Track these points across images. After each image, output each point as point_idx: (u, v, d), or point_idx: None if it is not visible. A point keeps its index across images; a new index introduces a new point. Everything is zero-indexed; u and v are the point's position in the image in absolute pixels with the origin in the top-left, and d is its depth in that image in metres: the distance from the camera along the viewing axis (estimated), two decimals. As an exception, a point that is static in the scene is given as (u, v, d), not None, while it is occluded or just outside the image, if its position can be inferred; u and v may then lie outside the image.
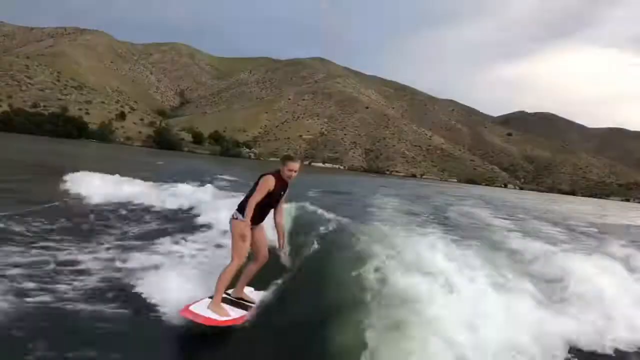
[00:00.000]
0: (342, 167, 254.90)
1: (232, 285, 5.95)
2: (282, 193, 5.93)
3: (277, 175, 5.78)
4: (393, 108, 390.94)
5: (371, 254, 5.33)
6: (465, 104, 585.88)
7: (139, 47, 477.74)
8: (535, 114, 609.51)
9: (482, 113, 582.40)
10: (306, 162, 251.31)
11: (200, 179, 20.70)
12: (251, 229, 5.70)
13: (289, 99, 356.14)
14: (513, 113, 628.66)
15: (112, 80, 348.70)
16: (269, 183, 5.65)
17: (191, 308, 5.27)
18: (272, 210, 6.06)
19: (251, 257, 6.04)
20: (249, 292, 6.21)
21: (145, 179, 19.35)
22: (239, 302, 5.91)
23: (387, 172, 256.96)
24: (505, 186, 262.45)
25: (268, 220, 6.16)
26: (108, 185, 16.39)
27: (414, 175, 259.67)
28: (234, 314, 5.51)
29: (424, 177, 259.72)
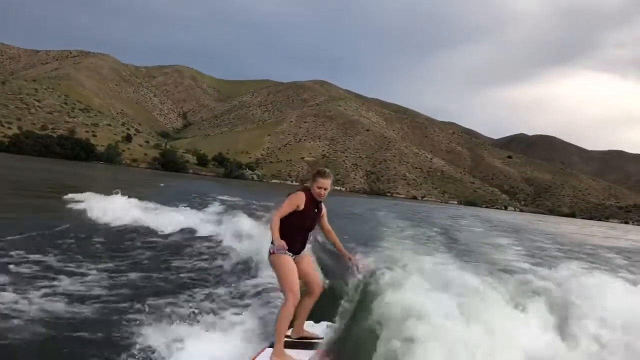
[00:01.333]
0: (343, 189, 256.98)
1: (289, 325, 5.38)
2: (317, 211, 5.33)
3: (308, 192, 5.26)
4: (394, 130, 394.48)
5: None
6: (466, 126, 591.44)
7: (142, 69, 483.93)
8: (536, 136, 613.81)
9: (482, 135, 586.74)
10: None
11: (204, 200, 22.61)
12: (294, 259, 5.23)
13: (291, 122, 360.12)
14: (513, 135, 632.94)
15: (116, 103, 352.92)
16: (297, 198, 5.15)
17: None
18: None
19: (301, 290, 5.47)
20: (310, 327, 5.68)
21: (153, 200, 19.35)
22: (302, 343, 5.37)
23: (389, 194, 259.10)
24: (506, 208, 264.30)
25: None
26: (116, 207, 16.38)
27: (414, 197, 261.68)
28: (302, 356, 5.03)
29: (424, 199, 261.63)
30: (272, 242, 5.07)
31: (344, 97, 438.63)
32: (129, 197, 18.06)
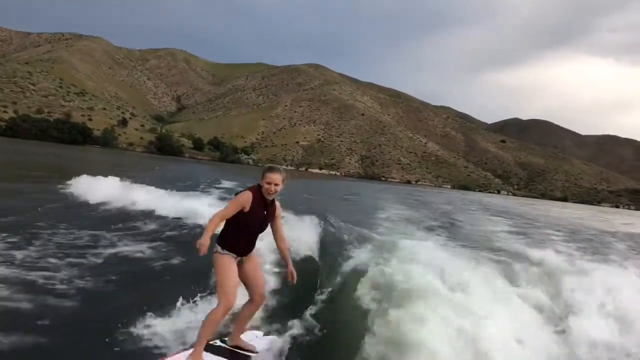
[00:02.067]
0: (338, 174, 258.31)
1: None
2: (267, 213, 4.85)
3: (257, 191, 4.79)
4: (388, 115, 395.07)
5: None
6: (460, 111, 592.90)
7: (135, 52, 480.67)
8: (529, 120, 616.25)
9: (476, 120, 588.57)
10: (303, 169, 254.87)
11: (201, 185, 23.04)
12: (239, 261, 4.86)
13: (286, 106, 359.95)
14: (507, 120, 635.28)
15: (110, 86, 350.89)
16: (242, 198, 4.69)
17: None
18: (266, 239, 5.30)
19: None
20: (251, 339, 5.24)
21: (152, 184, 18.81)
22: (234, 352, 4.93)
23: (383, 179, 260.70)
24: (499, 192, 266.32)
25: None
26: (110, 189, 16.27)
27: (409, 182, 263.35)
28: None
29: (418, 183, 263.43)
30: (216, 241, 4.80)
31: (339, 81, 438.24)
32: (125, 180, 17.69)
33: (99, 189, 16.21)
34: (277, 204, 4.95)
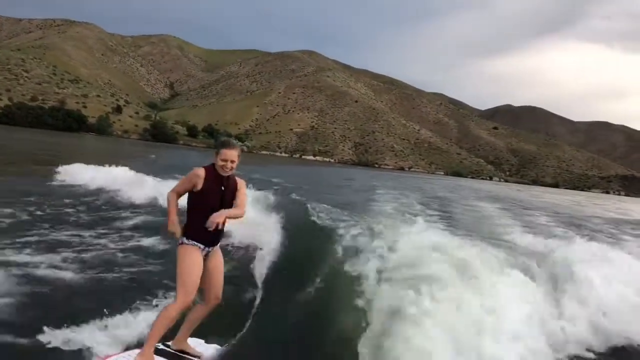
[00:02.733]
0: (332, 160, 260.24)
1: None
2: (223, 189, 4.37)
3: (211, 168, 4.36)
4: (382, 102, 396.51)
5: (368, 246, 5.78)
6: (453, 97, 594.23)
7: (128, 39, 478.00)
8: (521, 107, 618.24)
9: (469, 106, 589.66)
10: (297, 155, 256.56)
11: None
12: (205, 253, 4.42)
13: (280, 93, 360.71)
14: (500, 106, 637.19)
15: (103, 73, 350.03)
16: (194, 174, 4.29)
17: None
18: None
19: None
20: (196, 345, 4.80)
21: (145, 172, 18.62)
22: (180, 357, 4.57)
23: (377, 165, 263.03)
24: (491, 179, 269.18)
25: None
26: (100, 176, 16.45)
27: (402, 168, 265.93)
28: None
29: (411, 169, 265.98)
30: (183, 233, 4.37)
31: (332, 68, 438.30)
32: (121, 167, 17.81)
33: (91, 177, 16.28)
34: (237, 178, 4.55)
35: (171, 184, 5.35)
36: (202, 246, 4.34)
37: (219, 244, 4.57)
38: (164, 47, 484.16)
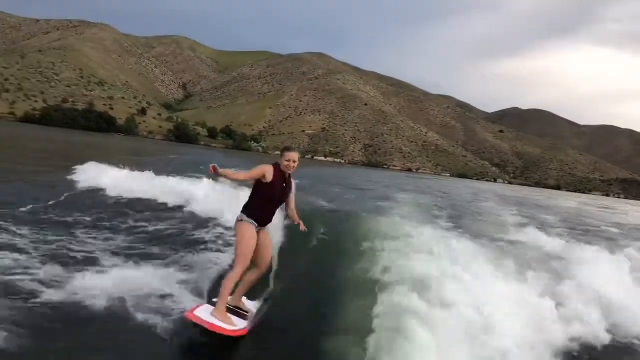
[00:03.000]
0: (342, 162, 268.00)
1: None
2: (285, 185, 5.55)
3: (277, 167, 5.49)
4: (391, 105, 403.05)
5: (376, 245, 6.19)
6: (461, 100, 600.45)
7: (141, 40, 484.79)
8: (529, 110, 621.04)
9: (476, 109, 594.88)
10: (309, 156, 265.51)
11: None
12: (257, 231, 5.53)
13: (292, 95, 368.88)
14: (507, 109, 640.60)
15: (121, 74, 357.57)
16: (266, 167, 5.41)
17: (196, 313, 5.09)
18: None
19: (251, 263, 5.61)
20: (246, 302, 5.98)
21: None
22: (237, 312, 5.65)
23: (385, 166, 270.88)
24: (495, 181, 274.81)
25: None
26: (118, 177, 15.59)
27: (410, 170, 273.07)
28: (239, 324, 5.33)
29: (419, 171, 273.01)
30: (241, 211, 5.54)
31: (342, 71, 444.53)
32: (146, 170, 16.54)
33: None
34: (292, 180, 5.71)
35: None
36: (256, 225, 5.51)
37: (267, 226, 5.73)
38: (176, 48, 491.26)
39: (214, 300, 5.50)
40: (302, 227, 5.78)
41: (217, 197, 12.14)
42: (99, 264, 7.27)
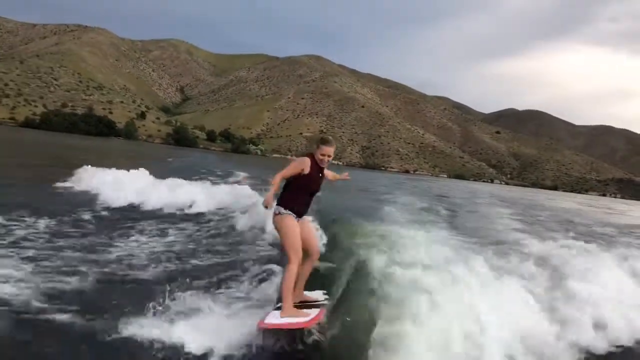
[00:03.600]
0: (340, 164, 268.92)
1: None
2: (320, 176, 5.48)
3: (312, 158, 5.39)
4: (387, 107, 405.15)
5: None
6: (457, 101, 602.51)
7: (137, 43, 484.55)
8: (525, 111, 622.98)
9: (473, 110, 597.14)
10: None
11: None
12: (297, 222, 5.35)
13: (289, 98, 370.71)
14: (503, 110, 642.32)
15: (118, 78, 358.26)
16: (303, 162, 5.29)
17: (266, 320, 4.79)
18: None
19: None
20: (309, 294, 5.76)
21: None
22: (305, 306, 5.42)
23: (383, 168, 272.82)
24: (492, 181, 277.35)
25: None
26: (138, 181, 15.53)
27: (407, 171, 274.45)
28: (312, 313, 5.10)
29: (416, 172, 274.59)
30: (277, 204, 5.36)
31: (339, 73, 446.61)
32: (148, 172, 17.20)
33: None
34: (325, 170, 5.62)
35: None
36: (295, 216, 5.36)
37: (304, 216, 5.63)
38: (173, 52, 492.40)
39: (278, 305, 5.23)
40: (346, 176, 6.29)
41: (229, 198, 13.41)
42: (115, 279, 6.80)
